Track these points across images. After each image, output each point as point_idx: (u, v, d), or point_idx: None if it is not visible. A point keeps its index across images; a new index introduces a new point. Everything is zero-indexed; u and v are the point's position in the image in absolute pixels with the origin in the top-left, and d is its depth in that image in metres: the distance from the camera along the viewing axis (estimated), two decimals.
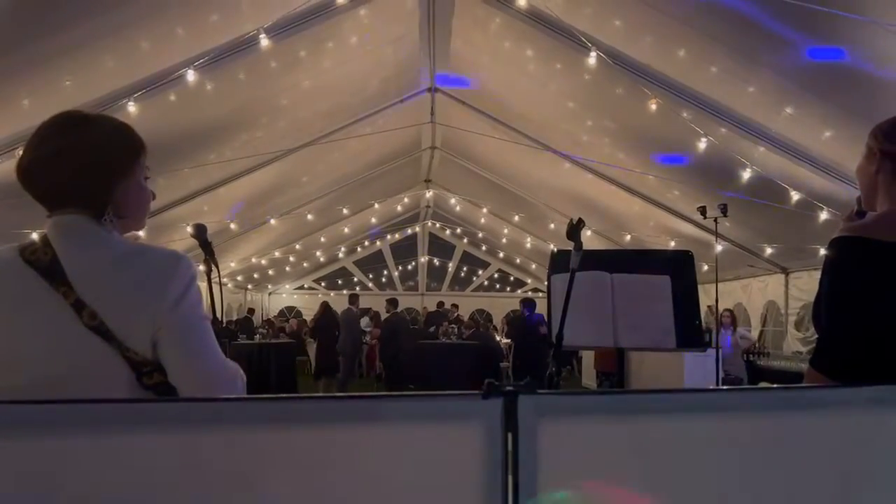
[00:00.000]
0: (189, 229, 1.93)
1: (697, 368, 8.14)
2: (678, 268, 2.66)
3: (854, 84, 5.82)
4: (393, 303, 12.91)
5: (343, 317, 12.44)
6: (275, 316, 20.09)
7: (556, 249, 2.81)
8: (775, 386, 1.02)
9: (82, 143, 1.46)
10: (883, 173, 1.81)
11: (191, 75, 6.24)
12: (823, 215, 7.59)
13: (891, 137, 1.81)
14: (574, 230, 2.01)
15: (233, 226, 11.83)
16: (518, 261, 20.81)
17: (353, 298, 12.87)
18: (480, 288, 22.54)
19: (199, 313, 1.43)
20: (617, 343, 2.54)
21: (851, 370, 1.67)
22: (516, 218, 15.04)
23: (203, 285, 1.92)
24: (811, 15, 4.97)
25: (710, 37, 6.19)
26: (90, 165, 1.46)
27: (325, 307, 12.65)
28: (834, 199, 7.36)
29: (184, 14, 5.82)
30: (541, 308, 11.01)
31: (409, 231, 21.50)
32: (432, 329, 14.66)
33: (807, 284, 9.88)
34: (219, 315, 2.26)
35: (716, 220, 8.65)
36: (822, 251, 9.02)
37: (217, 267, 2.12)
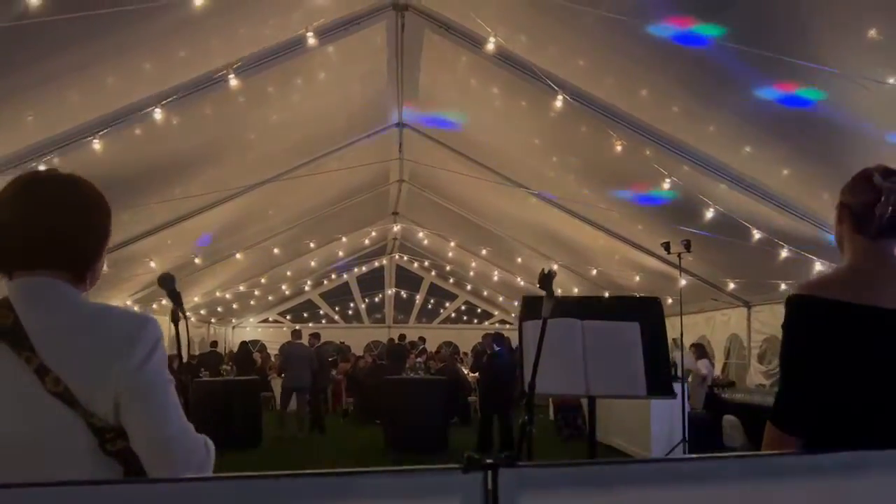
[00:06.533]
0: (158, 282, 1.88)
1: (664, 406, 8.19)
2: (646, 314, 2.69)
3: (809, 125, 6.02)
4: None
5: (286, 351, 12.39)
6: (236, 351, 19.73)
7: (527, 296, 2.82)
8: (749, 454, 1.03)
9: (70, 203, 1.44)
10: (846, 225, 1.87)
11: (157, 111, 6.20)
12: (784, 252, 7.78)
13: (850, 190, 1.89)
14: (546, 280, 2.02)
15: (197, 260, 11.66)
16: (485, 293, 20.85)
17: (296, 334, 13.03)
18: (448, 320, 22.49)
19: (163, 377, 1.39)
20: (588, 391, 2.55)
21: (806, 427, 1.75)
22: (484, 252, 15.10)
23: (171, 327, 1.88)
24: (766, 59, 5.15)
25: (671, 77, 6.36)
26: (81, 227, 1.44)
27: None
28: (794, 236, 7.55)
29: (151, 50, 5.78)
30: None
31: (377, 264, 21.42)
32: (384, 362, 14.55)
33: (768, 318, 10.06)
34: (185, 357, 2.19)
35: (679, 255, 8.80)
36: (783, 286, 9.24)
37: (185, 316, 2.06)
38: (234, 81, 6.27)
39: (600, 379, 2.56)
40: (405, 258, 20.80)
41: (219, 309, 17.86)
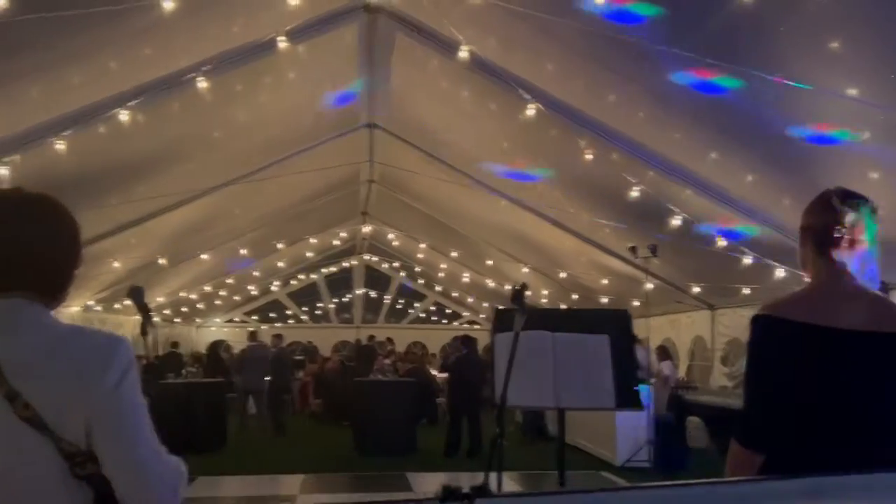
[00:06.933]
0: (126, 296, 1.86)
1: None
2: (615, 326, 2.74)
3: (769, 133, 6.14)
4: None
5: (247, 355, 12.34)
6: (200, 352, 19.43)
7: (500, 308, 2.84)
8: (715, 481, 1.06)
9: (40, 223, 1.41)
10: (808, 247, 1.93)
11: (123, 110, 6.10)
12: (747, 258, 7.93)
13: (810, 212, 1.94)
14: (518, 295, 2.05)
15: (162, 260, 11.49)
16: (455, 294, 20.87)
17: (253, 335, 13.03)
18: (417, 320, 22.47)
19: (136, 400, 1.36)
20: (558, 403, 2.59)
21: (768, 445, 1.80)
22: (454, 253, 15.11)
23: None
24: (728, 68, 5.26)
25: (635, 83, 6.45)
26: (52, 246, 1.41)
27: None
28: (757, 242, 7.72)
29: (118, 50, 5.68)
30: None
31: (346, 264, 21.29)
32: (352, 364, 14.52)
33: (731, 321, 10.26)
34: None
35: (646, 258, 8.92)
36: (745, 290, 9.42)
37: (153, 326, 2.04)
38: (201, 81, 6.20)
39: (570, 391, 2.60)
40: (374, 259, 20.71)
41: (183, 309, 17.59)
